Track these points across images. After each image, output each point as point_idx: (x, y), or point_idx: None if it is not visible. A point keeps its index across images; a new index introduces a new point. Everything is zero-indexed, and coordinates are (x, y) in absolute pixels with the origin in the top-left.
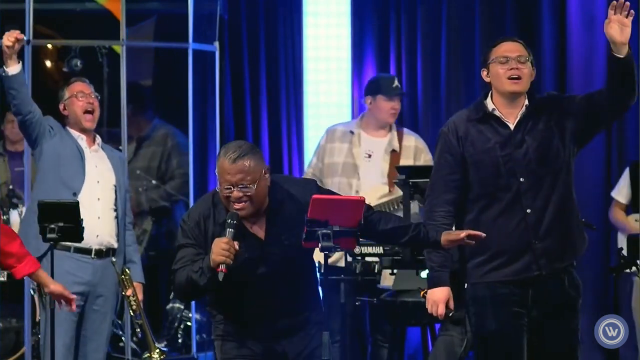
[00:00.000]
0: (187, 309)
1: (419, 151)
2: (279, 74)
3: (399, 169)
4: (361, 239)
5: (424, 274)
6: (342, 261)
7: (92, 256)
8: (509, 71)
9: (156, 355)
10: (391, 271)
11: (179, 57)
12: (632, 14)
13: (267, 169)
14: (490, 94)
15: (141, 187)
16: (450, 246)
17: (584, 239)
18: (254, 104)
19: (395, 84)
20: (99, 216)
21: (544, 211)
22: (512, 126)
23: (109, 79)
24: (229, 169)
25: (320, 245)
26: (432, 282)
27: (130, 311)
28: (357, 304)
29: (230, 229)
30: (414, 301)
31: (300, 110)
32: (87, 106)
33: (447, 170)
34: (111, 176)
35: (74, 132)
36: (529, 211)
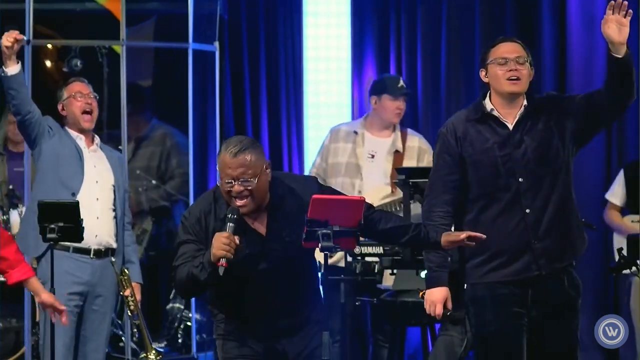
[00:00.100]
0: (187, 309)
1: (423, 152)
2: (279, 74)
3: (399, 170)
4: (361, 239)
5: (424, 274)
6: (342, 261)
7: (91, 256)
8: (508, 72)
9: (152, 356)
10: (391, 271)
11: (179, 57)
12: (630, 13)
13: (268, 164)
14: (488, 94)
15: (141, 187)
16: (450, 247)
17: (584, 239)
18: (254, 104)
19: (400, 83)
20: (97, 216)
21: (544, 211)
22: (510, 126)
23: (109, 79)
24: (230, 163)
25: (320, 245)
26: (431, 282)
27: (128, 311)
28: (357, 304)
29: (230, 224)
30: (414, 301)
31: (300, 110)
32: (85, 106)
33: (446, 170)
34: (110, 176)
35: (73, 133)
36: (528, 211)
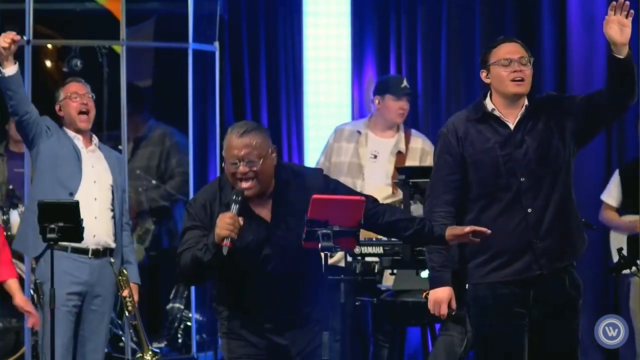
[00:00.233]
0: (187, 309)
1: (425, 154)
2: (279, 74)
3: (399, 170)
4: (361, 239)
5: (424, 274)
6: (342, 261)
7: (89, 256)
8: (512, 73)
9: (149, 356)
10: (391, 271)
11: (179, 57)
12: (632, 14)
13: (274, 149)
14: (489, 94)
15: (141, 187)
16: (454, 241)
17: (584, 239)
18: (254, 104)
19: (403, 84)
20: (95, 216)
21: (545, 211)
22: (511, 126)
23: (109, 79)
24: (235, 144)
25: (320, 245)
26: (434, 282)
27: (125, 312)
28: (357, 304)
29: (235, 205)
30: (414, 301)
31: (300, 110)
32: (81, 107)
33: (447, 170)
34: (108, 176)
35: (71, 133)
36: (529, 211)
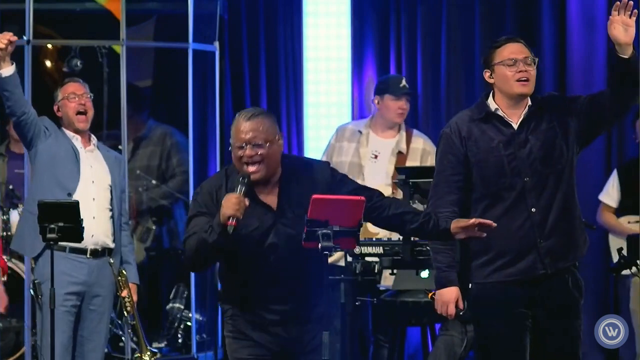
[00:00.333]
0: (187, 309)
1: (426, 154)
2: (279, 74)
3: (399, 170)
4: (361, 239)
5: (424, 274)
6: (342, 261)
7: (88, 256)
8: (517, 74)
9: (147, 357)
10: (391, 271)
11: (179, 57)
12: (636, 13)
13: (281, 136)
14: (491, 94)
15: (141, 187)
16: (460, 234)
17: (586, 238)
18: (254, 104)
19: (402, 83)
20: (94, 216)
21: (549, 210)
22: (515, 126)
23: (109, 79)
24: (243, 127)
25: (320, 245)
26: (441, 282)
27: (124, 312)
28: (357, 304)
29: (241, 186)
30: (414, 301)
31: (300, 110)
32: (79, 107)
33: (450, 171)
34: (106, 176)
35: (69, 133)
36: (533, 210)
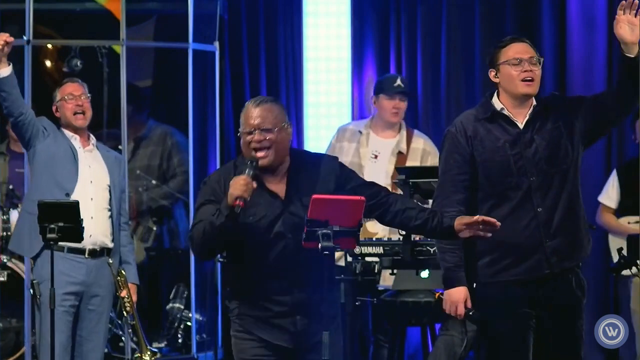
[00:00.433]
0: (187, 309)
1: (427, 154)
2: (279, 74)
3: (399, 169)
4: (361, 239)
5: (424, 274)
6: (342, 261)
7: (86, 256)
8: (522, 73)
9: (147, 357)
10: (391, 271)
11: (179, 57)
12: None
13: (290, 125)
14: (496, 94)
15: (141, 187)
16: (464, 232)
17: (589, 238)
18: None
19: (397, 82)
20: (92, 216)
21: (554, 210)
22: (521, 125)
23: (109, 79)
24: (252, 112)
25: (320, 245)
26: (449, 282)
27: (124, 312)
28: (357, 304)
29: (249, 169)
30: (414, 301)
31: (300, 110)
32: (76, 108)
33: (456, 170)
34: (105, 176)
35: (68, 133)
36: (539, 210)
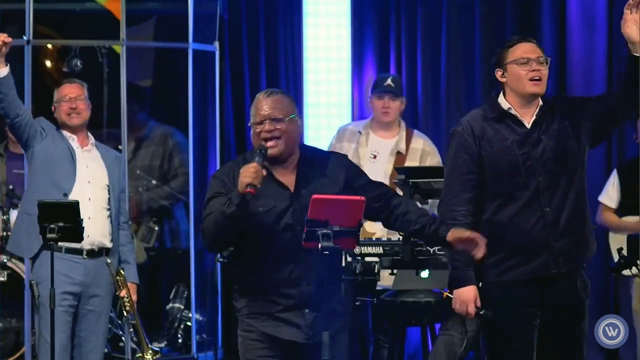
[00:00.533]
0: (187, 309)
1: (426, 154)
2: (279, 74)
3: (399, 170)
4: (361, 239)
5: (424, 274)
6: (342, 261)
7: (84, 256)
8: (530, 72)
9: (149, 356)
10: (391, 271)
11: (179, 57)
12: None
13: (299, 117)
14: (502, 93)
15: (141, 187)
16: (458, 245)
17: (594, 239)
18: None
19: (386, 82)
20: (89, 216)
21: (561, 210)
22: (528, 125)
23: (109, 79)
24: (263, 103)
25: (320, 245)
26: (459, 281)
27: (124, 312)
28: (357, 304)
29: (258, 157)
30: (414, 301)
31: (300, 110)
32: (69, 111)
33: (464, 169)
34: (103, 176)
35: (66, 133)
36: (547, 210)
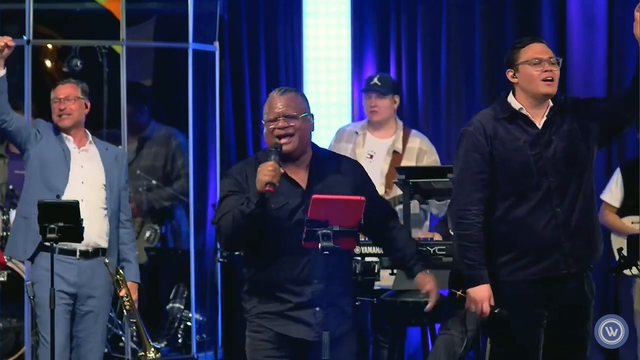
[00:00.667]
0: (187, 309)
1: (422, 153)
2: (279, 74)
3: (399, 170)
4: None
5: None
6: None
7: (77, 257)
8: (543, 73)
9: (152, 354)
10: (391, 271)
11: (179, 57)
12: None
13: (312, 116)
14: (512, 94)
15: (141, 187)
16: (421, 290)
17: (602, 240)
18: (254, 104)
19: (373, 81)
20: (83, 217)
21: (572, 211)
22: (539, 126)
23: (109, 79)
24: (277, 100)
25: (320, 245)
26: (473, 280)
27: (124, 311)
28: (357, 304)
29: (274, 155)
30: (414, 301)
31: None
32: (59, 112)
33: (476, 169)
34: (100, 175)
35: (63, 134)
36: (558, 210)
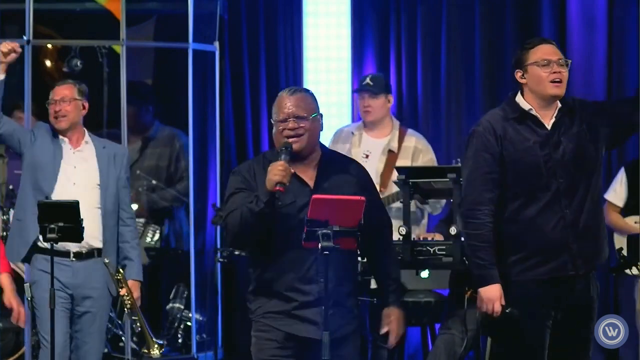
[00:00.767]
0: (187, 309)
1: (418, 152)
2: (279, 74)
3: (399, 169)
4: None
5: (424, 274)
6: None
7: (71, 258)
8: (552, 74)
9: (156, 350)
10: None
11: (179, 57)
12: None
13: (321, 115)
14: (520, 94)
15: (141, 187)
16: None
17: (607, 241)
18: (254, 104)
19: (365, 81)
20: None
21: (580, 212)
22: (548, 127)
23: (109, 79)
24: (286, 101)
25: (320, 245)
26: (484, 279)
27: (125, 310)
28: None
29: (284, 155)
30: (414, 301)
31: None
32: (54, 114)
33: (487, 168)
34: (94, 175)
35: (60, 135)
36: (567, 211)
